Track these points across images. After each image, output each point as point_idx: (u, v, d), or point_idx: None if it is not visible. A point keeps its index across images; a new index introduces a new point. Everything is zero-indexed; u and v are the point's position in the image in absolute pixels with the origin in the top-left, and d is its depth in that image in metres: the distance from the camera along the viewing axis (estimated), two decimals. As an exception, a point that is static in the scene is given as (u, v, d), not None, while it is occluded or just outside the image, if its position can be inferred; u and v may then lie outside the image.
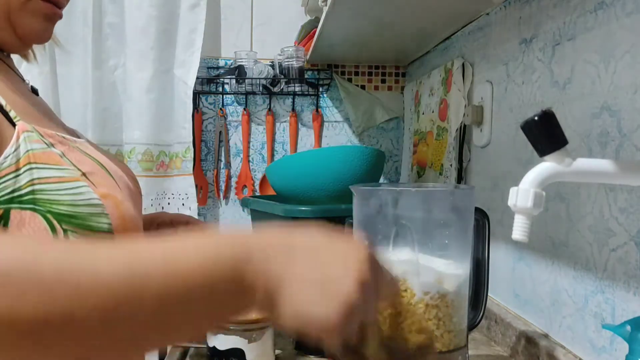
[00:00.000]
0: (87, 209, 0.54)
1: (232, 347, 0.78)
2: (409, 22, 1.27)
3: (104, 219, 0.54)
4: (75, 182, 0.54)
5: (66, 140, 0.59)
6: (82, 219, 0.53)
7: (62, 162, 0.55)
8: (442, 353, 0.72)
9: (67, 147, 0.58)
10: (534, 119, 0.52)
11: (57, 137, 0.58)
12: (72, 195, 0.53)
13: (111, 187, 0.58)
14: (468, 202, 0.76)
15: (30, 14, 0.60)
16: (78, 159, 0.57)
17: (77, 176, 0.55)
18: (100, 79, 1.66)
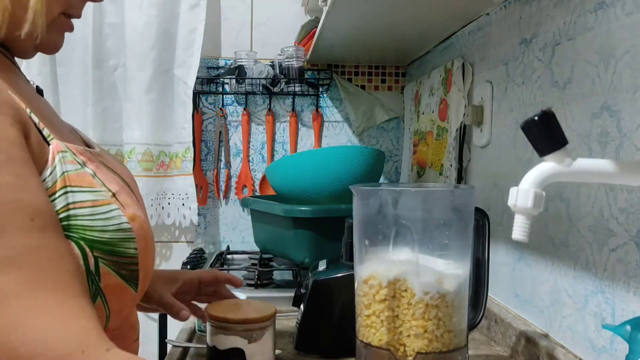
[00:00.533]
0: (117, 234, 0.53)
1: (232, 347, 0.78)
2: (409, 22, 1.27)
3: (132, 243, 0.54)
4: (107, 205, 0.53)
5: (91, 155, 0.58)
6: (113, 244, 0.52)
7: (94, 184, 0.54)
8: (442, 353, 0.72)
9: (95, 164, 0.57)
10: (534, 119, 0.52)
11: (86, 153, 0.57)
12: (104, 220, 0.52)
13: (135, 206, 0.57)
14: (468, 202, 0.76)
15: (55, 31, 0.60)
16: (106, 178, 0.56)
17: (108, 198, 0.54)
18: (100, 79, 1.66)
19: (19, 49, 0.60)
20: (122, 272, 0.53)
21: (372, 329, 0.74)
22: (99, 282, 0.51)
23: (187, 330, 1.00)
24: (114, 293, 0.53)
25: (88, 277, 0.50)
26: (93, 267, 0.51)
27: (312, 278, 0.92)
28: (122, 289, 0.54)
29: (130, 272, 0.54)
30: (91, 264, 0.51)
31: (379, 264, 0.74)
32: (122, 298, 0.54)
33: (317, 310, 0.91)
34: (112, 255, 0.52)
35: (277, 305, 1.12)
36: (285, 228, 1.26)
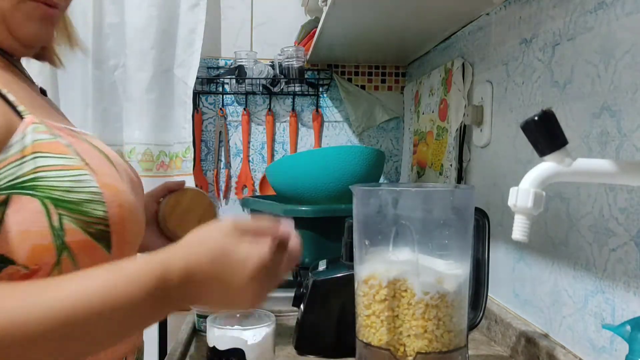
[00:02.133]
0: (84, 196, 0.57)
1: (232, 347, 0.78)
2: (409, 22, 1.27)
3: (100, 206, 0.58)
4: (78, 170, 0.58)
5: (75, 133, 0.63)
6: (78, 204, 0.56)
7: (67, 152, 0.58)
8: (442, 353, 0.72)
9: (76, 139, 0.61)
10: (534, 119, 0.52)
11: (65, 130, 0.61)
12: (72, 182, 0.56)
13: (113, 178, 0.61)
14: (468, 202, 0.76)
15: (23, 16, 0.61)
16: (85, 150, 0.60)
17: (81, 165, 0.58)
18: (100, 79, 1.66)
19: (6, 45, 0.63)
20: (89, 230, 0.57)
21: (372, 329, 0.74)
22: (63, 237, 0.55)
23: (187, 330, 1.01)
24: (82, 249, 0.57)
25: (52, 231, 0.55)
26: (57, 223, 0.55)
27: (312, 278, 0.92)
28: (90, 245, 0.57)
29: (99, 232, 0.58)
30: (54, 220, 0.55)
31: (379, 264, 0.74)
32: (91, 255, 0.58)
33: (317, 310, 0.91)
34: (78, 213, 0.56)
35: (277, 305, 1.12)
36: (285, 228, 1.26)
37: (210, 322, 0.81)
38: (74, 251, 0.56)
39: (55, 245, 0.55)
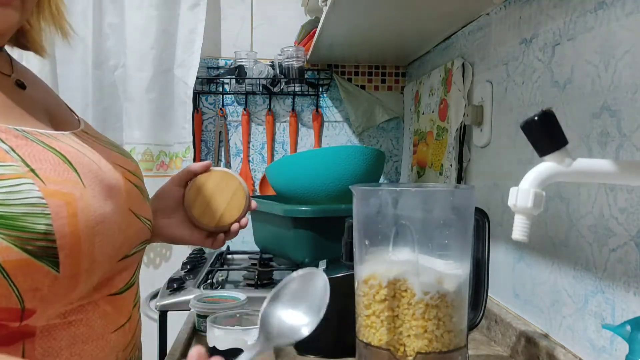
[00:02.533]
0: (21, 209, 0.51)
1: (232, 347, 0.78)
2: (409, 22, 1.27)
3: (42, 219, 0.51)
4: (17, 179, 0.51)
5: (26, 135, 0.56)
6: (12, 219, 0.50)
7: (7, 159, 0.52)
8: (442, 353, 0.72)
9: (25, 141, 0.55)
10: (534, 119, 0.52)
11: (13, 132, 0.55)
12: (6, 193, 0.50)
13: (68, 184, 0.55)
14: (468, 202, 0.76)
15: None
16: (33, 154, 0.55)
17: (21, 173, 0.52)
18: (100, 79, 1.66)
19: None
20: (26, 248, 0.51)
21: (372, 329, 0.74)
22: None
23: (187, 330, 1.01)
24: (19, 269, 0.50)
25: None
26: None
27: (312, 278, 0.92)
28: (29, 265, 0.51)
29: (39, 249, 0.51)
30: None
31: (379, 264, 0.74)
32: (32, 275, 0.51)
33: (317, 310, 0.91)
34: (11, 229, 0.50)
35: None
36: (285, 228, 1.26)
37: (210, 322, 0.81)
38: (9, 272, 0.50)
39: None
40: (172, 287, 1.27)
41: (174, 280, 1.29)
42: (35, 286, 0.52)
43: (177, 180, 0.82)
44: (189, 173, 0.82)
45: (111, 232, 0.59)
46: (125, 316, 0.65)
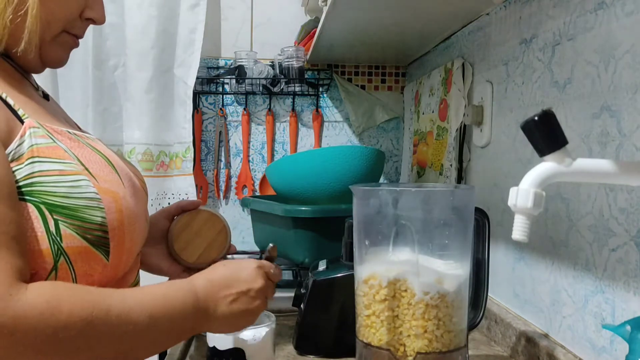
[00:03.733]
0: (82, 202, 0.57)
1: (232, 347, 0.78)
2: (409, 22, 1.27)
3: (98, 212, 0.58)
4: (76, 175, 0.58)
5: (76, 137, 0.63)
6: (75, 210, 0.56)
7: (66, 157, 0.58)
8: (442, 353, 0.72)
9: (77, 143, 0.62)
10: (534, 119, 0.52)
11: (66, 134, 0.62)
12: (68, 187, 0.57)
13: (114, 184, 0.62)
14: (468, 202, 0.76)
15: (58, 46, 0.66)
16: (85, 155, 0.61)
17: (79, 170, 0.58)
18: (100, 79, 1.66)
19: (21, 62, 0.66)
20: (87, 236, 0.57)
21: (372, 329, 0.74)
22: (60, 242, 0.56)
23: (187, 330, 1.00)
24: (79, 256, 0.57)
25: (49, 237, 0.55)
26: (53, 228, 0.55)
27: (312, 278, 0.92)
28: (88, 252, 0.58)
29: (97, 238, 0.58)
30: (51, 225, 0.55)
31: (379, 264, 0.74)
32: (89, 262, 0.58)
33: (317, 310, 0.91)
34: (74, 219, 0.56)
35: (277, 305, 1.12)
36: (285, 228, 1.26)
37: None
38: (71, 257, 0.57)
39: (51, 250, 0.55)
40: (172, 287, 1.27)
41: (174, 280, 1.29)
42: (89, 272, 0.59)
43: (166, 213, 0.88)
44: (177, 208, 0.88)
45: (140, 230, 0.66)
46: None
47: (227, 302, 0.65)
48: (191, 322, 0.62)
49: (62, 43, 0.67)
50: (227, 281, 0.66)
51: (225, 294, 0.65)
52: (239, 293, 0.66)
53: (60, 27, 0.65)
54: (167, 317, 0.59)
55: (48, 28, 0.63)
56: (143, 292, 0.60)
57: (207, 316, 0.63)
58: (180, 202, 0.88)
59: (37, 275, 0.55)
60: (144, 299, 0.58)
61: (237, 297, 0.65)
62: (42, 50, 0.65)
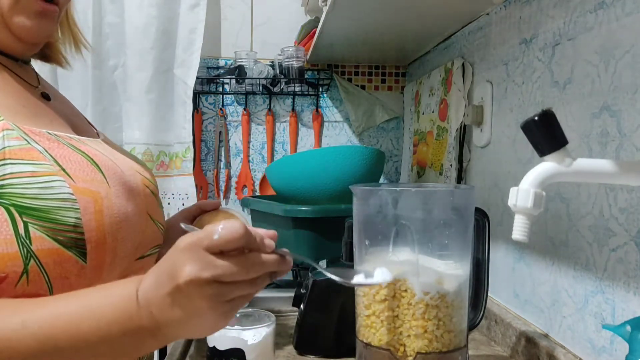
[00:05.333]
0: (54, 203, 0.55)
1: (232, 347, 0.78)
2: (409, 22, 1.27)
3: (72, 213, 0.56)
4: (49, 176, 0.56)
5: (56, 138, 0.61)
6: (46, 211, 0.55)
7: (40, 158, 0.56)
8: (442, 353, 0.72)
9: (56, 143, 0.60)
10: (534, 119, 0.52)
11: (45, 135, 0.60)
12: (40, 189, 0.55)
13: (95, 183, 0.60)
14: (468, 202, 0.76)
15: (21, 13, 0.62)
16: (63, 155, 0.59)
17: (53, 171, 0.56)
18: (100, 79, 1.66)
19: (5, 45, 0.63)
20: (58, 238, 0.55)
21: (372, 329, 0.74)
22: (30, 245, 0.54)
23: (187, 330, 1.00)
24: (50, 257, 0.55)
25: (18, 240, 0.54)
26: (22, 231, 0.54)
27: (312, 278, 0.92)
28: (60, 254, 0.55)
29: (69, 240, 0.56)
30: (20, 228, 0.54)
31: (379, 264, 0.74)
32: (62, 264, 0.56)
33: (317, 310, 0.91)
34: (45, 221, 0.54)
35: (277, 305, 1.12)
36: (285, 228, 1.26)
37: None
38: (41, 260, 0.55)
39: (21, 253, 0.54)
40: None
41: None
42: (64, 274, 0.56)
43: (186, 213, 0.86)
44: (197, 209, 0.86)
45: (132, 231, 0.63)
46: None
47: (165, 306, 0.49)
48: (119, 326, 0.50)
49: (23, 9, 0.62)
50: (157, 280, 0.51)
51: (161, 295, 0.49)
52: (170, 292, 0.48)
53: None
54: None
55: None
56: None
57: (142, 301, 0.50)
58: (200, 203, 0.87)
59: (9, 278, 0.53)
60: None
61: (172, 297, 0.48)
62: (8, 23, 0.61)
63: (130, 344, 0.51)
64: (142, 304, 0.49)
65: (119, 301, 0.50)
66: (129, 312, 0.50)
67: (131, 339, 0.50)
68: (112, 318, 0.50)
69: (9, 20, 0.61)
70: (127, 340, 0.50)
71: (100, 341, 0.50)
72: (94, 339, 0.49)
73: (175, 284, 0.48)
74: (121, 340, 0.50)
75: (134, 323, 0.50)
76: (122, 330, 0.50)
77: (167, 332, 0.50)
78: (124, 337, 0.50)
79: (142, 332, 0.50)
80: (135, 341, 0.51)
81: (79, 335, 0.49)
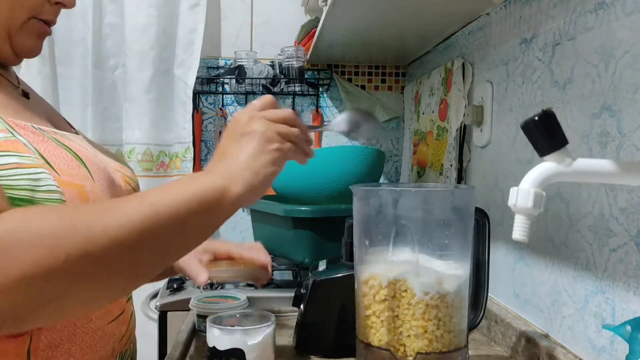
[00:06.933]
0: (42, 195, 0.55)
1: (232, 347, 0.78)
2: (409, 22, 1.27)
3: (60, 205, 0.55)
4: (35, 168, 0.55)
5: (41, 132, 0.61)
6: (36, 203, 0.54)
7: (25, 150, 0.56)
8: (442, 353, 0.72)
9: (41, 137, 0.60)
10: (534, 119, 0.52)
11: (29, 128, 0.59)
12: (30, 180, 0.54)
13: (79, 177, 0.60)
14: (468, 202, 0.76)
15: (27, 33, 0.64)
16: (48, 149, 0.59)
17: (38, 164, 0.56)
18: (100, 79, 1.66)
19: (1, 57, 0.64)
20: None
21: (372, 329, 0.74)
22: None
23: (187, 330, 1.01)
24: None
25: None
26: None
27: (312, 278, 0.92)
28: None
29: None
30: None
31: (379, 265, 0.74)
32: None
33: (317, 310, 0.91)
34: None
35: (277, 305, 1.12)
36: (285, 228, 1.26)
37: (210, 323, 0.81)
38: None
39: None
40: (172, 287, 1.27)
41: (174, 280, 1.29)
42: None
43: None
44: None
45: None
46: (119, 308, 0.69)
47: (233, 140, 0.65)
48: (205, 176, 0.59)
49: (31, 30, 0.64)
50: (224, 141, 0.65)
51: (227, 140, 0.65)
52: (239, 137, 0.65)
53: (26, 14, 0.63)
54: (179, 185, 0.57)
55: (13, 15, 0.61)
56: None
57: (218, 164, 0.62)
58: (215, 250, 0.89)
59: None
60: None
61: (240, 140, 0.65)
62: (12, 39, 0.63)
63: (212, 203, 0.57)
64: (212, 172, 0.60)
65: (195, 177, 0.60)
66: (204, 178, 0.58)
67: (211, 196, 0.57)
68: (194, 185, 0.57)
69: (15, 38, 0.63)
70: (209, 198, 0.57)
71: (189, 200, 0.55)
72: (183, 199, 0.54)
73: (238, 133, 0.66)
74: (203, 199, 0.56)
75: (209, 183, 0.57)
76: (203, 190, 0.56)
77: (238, 177, 0.61)
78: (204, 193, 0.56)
79: (217, 188, 0.58)
80: (215, 200, 0.57)
81: (171, 198, 0.54)
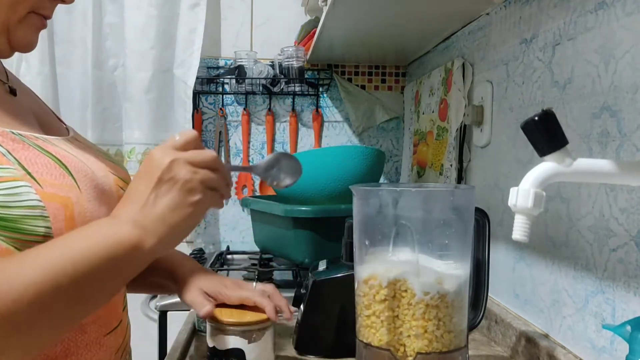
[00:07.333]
0: (21, 211, 0.51)
1: (232, 347, 0.78)
2: (409, 22, 1.27)
3: (41, 222, 0.52)
4: (14, 181, 0.51)
5: (22, 138, 0.57)
6: (13, 221, 0.50)
7: (3, 161, 0.52)
8: (442, 353, 0.72)
9: (21, 144, 0.56)
10: (534, 119, 0.52)
11: (8, 135, 0.56)
12: (6, 195, 0.50)
13: (64, 188, 0.56)
14: (468, 202, 0.76)
15: (25, 27, 0.62)
16: (29, 158, 0.55)
17: (18, 176, 0.52)
18: (100, 79, 1.66)
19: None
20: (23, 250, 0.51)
21: (372, 329, 0.74)
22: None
23: (187, 330, 1.01)
24: None
25: None
26: None
27: (312, 278, 0.92)
28: None
29: None
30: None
31: (379, 264, 0.74)
32: None
33: (317, 310, 0.91)
34: (12, 231, 0.50)
35: (277, 305, 1.12)
36: (285, 228, 1.26)
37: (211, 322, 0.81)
38: None
39: None
40: (172, 287, 1.26)
41: (174, 280, 1.29)
42: None
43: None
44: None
45: None
46: (116, 319, 0.67)
47: (153, 197, 0.55)
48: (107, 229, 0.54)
49: (30, 24, 0.62)
50: (137, 184, 0.57)
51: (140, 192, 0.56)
52: (157, 183, 0.55)
53: (27, 8, 0.61)
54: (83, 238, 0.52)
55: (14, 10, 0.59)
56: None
57: (130, 208, 0.55)
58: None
59: None
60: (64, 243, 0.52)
61: (157, 187, 0.55)
62: (10, 33, 0.61)
63: (121, 259, 0.53)
64: (122, 219, 0.55)
65: (102, 226, 0.55)
66: (113, 229, 0.54)
67: (121, 252, 0.53)
68: (100, 239, 0.53)
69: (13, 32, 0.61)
70: (118, 255, 0.53)
71: (93, 260, 0.51)
72: (87, 259, 0.51)
73: (156, 177, 0.55)
74: (111, 256, 0.52)
75: (118, 236, 0.53)
76: (108, 246, 0.52)
77: (153, 231, 0.54)
78: (115, 251, 0.53)
79: (127, 243, 0.53)
80: (124, 255, 0.53)
81: (74, 257, 0.50)
